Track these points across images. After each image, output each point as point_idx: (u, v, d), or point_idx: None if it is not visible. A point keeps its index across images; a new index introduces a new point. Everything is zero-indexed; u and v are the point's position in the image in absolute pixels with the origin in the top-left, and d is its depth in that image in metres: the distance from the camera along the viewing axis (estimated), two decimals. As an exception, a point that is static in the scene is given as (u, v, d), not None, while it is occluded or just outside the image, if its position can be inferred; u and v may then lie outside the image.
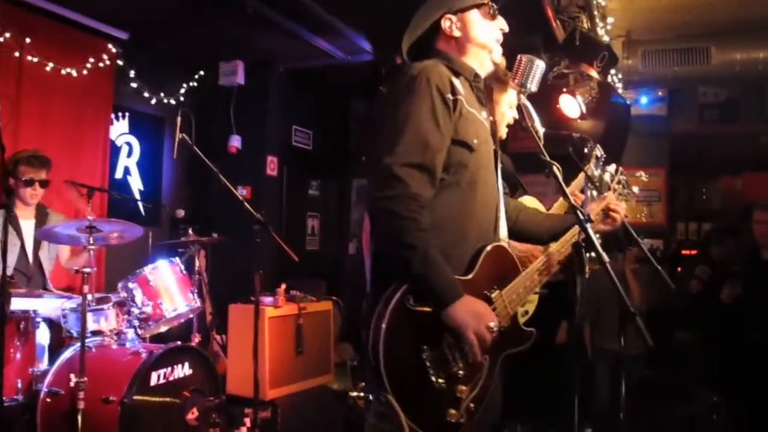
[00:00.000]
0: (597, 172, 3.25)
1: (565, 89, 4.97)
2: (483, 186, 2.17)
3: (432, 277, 1.89)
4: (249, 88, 6.53)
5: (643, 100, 7.01)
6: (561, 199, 3.22)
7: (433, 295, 1.91)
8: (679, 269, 7.34)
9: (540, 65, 2.37)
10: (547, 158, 2.32)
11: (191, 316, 4.45)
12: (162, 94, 6.26)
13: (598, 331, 4.96)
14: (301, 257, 4.60)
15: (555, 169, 2.31)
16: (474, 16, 2.22)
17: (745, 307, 4.76)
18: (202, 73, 6.64)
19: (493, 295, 2.08)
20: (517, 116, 3.01)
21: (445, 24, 2.21)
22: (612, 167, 2.94)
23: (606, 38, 4.91)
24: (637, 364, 4.94)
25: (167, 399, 3.60)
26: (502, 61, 2.36)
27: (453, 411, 1.94)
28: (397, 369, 1.87)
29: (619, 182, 2.87)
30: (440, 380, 1.92)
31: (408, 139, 1.95)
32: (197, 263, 4.77)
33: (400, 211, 1.89)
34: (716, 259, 5.99)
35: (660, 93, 6.96)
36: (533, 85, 2.38)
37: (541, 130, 2.65)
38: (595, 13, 4.57)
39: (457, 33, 2.22)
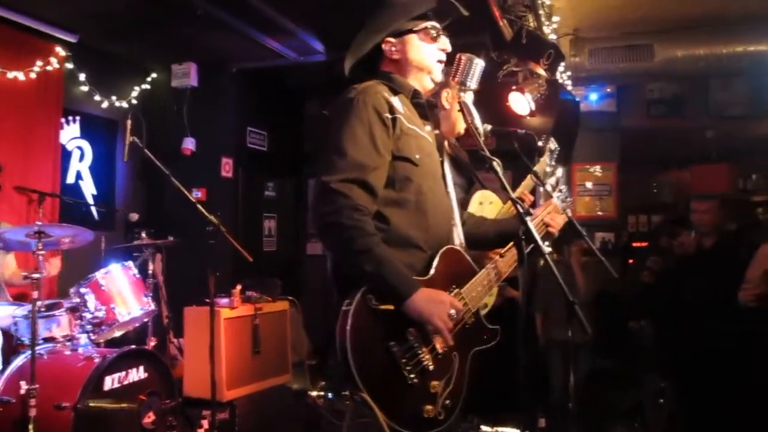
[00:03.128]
0: (551, 167, 3.32)
1: (514, 87, 5.06)
2: (432, 197, 2.23)
3: (386, 274, 1.96)
4: (202, 90, 6.51)
5: (593, 96, 7.14)
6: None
7: (390, 291, 1.97)
8: (630, 261, 7.52)
9: (479, 63, 2.44)
10: (487, 154, 2.38)
11: (146, 320, 4.42)
12: (114, 98, 6.19)
13: (549, 321, 5.09)
14: (258, 259, 4.59)
15: (495, 164, 2.37)
16: (413, 41, 2.28)
17: (694, 295, 4.91)
18: (154, 75, 6.59)
19: (453, 294, 2.14)
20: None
21: (385, 47, 2.29)
22: (553, 179, 3.00)
23: (553, 36, 5.01)
24: (586, 352, 5.06)
25: (122, 404, 3.59)
26: (441, 79, 2.41)
27: (429, 407, 1.99)
28: (367, 367, 1.90)
29: (560, 191, 2.92)
30: (412, 375, 1.96)
31: (345, 158, 2.03)
32: (152, 266, 4.75)
33: (344, 222, 1.97)
34: (667, 251, 6.16)
35: (609, 89, 7.11)
36: (473, 83, 2.45)
37: (482, 127, 2.72)
38: (541, 12, 4.66)
39: (396, 56, 2.29)
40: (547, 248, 2.27)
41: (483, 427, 5.18)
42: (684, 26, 5.46)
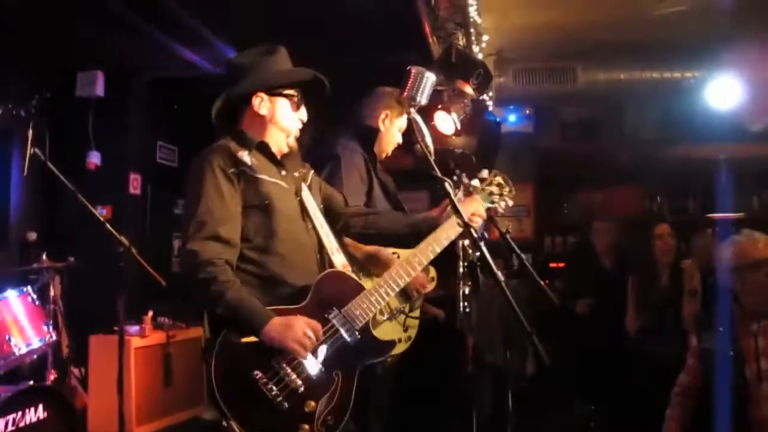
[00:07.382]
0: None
1: (440, 106, 4.98)
2: (289, 237, 2.37)
3: (241, 312, 2.16)
4: (109, 101, 6.07)
5: (512, 118, 7.20)
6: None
7: (248, 325, 2.16)
8: (546, 282, 7.59)
9: (430, 77, 2.30)
10: (439, 174, 2.28)
11: (46, 351, 4.02)
12: (10, 105, 5.68)
13: (478, 345, 4.98)
14: (167, 281, 4.32)
15: (447, 185, 2.25)
16: (282, 104, 2.45)
17: (597, 315, 5.04)
18: (57, 82, 6.11)
19: (330, 316, 2.28)
20: (400, 141, 3.22)
21: (255, 100, 2.41)
22: (485, 172, 2.93)
23: (480, 56, 4.97)
24: (518, 378, 5.00)
25: (18, 449, 3.20)
26: (294, 144, 2.57)
27: (306, 426, 2.15)
28: (234, 396, 2.10)
29: (489, 183, 2.81)
30: (280, 399, 2.12)
31: (198, 218, 2.23)
32: (53, 291, 4.34)
33: (199, 276, 2.17)
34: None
35: (527, 111, 7.18)
36: (423, 98, 2.32)
37: (432, 146, 2.59)
38: (472, 30, 4.60)
39: (263, 111, 2.42)
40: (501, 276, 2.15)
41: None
42: (604, 50, 5.55)
